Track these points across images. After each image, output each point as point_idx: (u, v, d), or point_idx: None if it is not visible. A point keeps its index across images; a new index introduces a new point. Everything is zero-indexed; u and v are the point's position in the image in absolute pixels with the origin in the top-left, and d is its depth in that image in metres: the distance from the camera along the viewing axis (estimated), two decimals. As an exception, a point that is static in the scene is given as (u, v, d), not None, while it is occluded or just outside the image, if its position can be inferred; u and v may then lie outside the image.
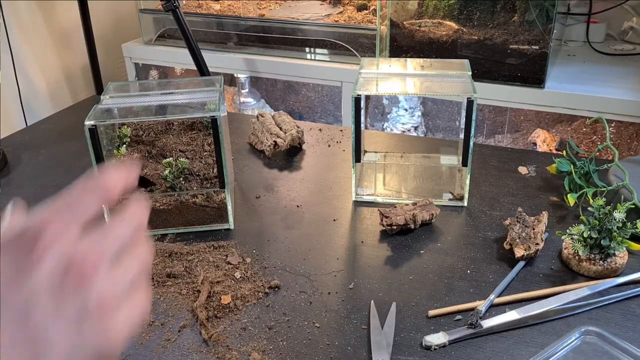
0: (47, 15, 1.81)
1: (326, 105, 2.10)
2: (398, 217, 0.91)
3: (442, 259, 0.87)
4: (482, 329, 0.72)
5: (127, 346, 0.72)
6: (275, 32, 1.82)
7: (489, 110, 1.86)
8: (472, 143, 0.94)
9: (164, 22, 1.92)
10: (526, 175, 1.08)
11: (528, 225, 0.87)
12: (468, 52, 1.53)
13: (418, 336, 0.73)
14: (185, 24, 1.50)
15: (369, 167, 1.09)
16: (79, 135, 1.05)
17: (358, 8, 1.86)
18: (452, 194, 1.02)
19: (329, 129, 1.31)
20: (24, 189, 1.09)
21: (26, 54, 1.75)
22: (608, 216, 0.80)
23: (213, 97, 0.95)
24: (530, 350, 0.70)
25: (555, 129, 1.80)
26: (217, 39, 1.90)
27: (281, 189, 1.07)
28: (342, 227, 0.96)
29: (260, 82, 2.18)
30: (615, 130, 1.69)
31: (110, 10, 2.02)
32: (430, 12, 1.56)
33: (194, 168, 0.99)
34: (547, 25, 1.43)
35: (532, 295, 0.78)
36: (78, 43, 1.86)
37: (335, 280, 0.83)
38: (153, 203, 0.93)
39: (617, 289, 0.79)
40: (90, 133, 0.86)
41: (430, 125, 1.97)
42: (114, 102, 0.93)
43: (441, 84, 0.98)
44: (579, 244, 0.82)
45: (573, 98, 1.47)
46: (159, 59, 1.96)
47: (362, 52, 1.71)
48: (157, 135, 1.07)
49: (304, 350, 0.71)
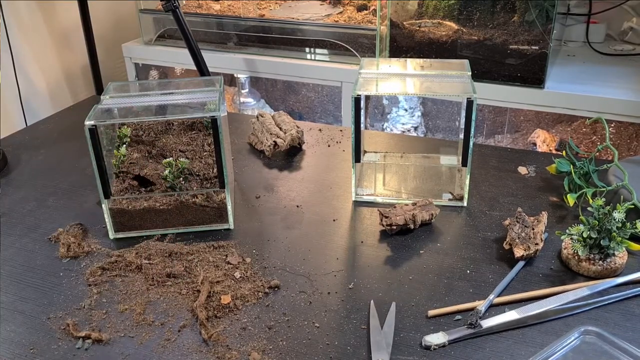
0: (47, 15, 1.81)
1: (326, 105, 2.10)
2: (398, 217, 0.91)
3: (441, 259, 0.87)
4: (482, 329, 0.72)
5: (127, 346, 0.73)
6: (275, 32, 1.82)
7: (488, 110, 1.86)
8: (471, 143, 0.94)
9: (164, 22, 1.92)
10: (526, 176, 1.08)
11: (528, 226, 0.87)
12: (468, 53, 1.54)
13: (418, 336, 0.73)
14: (185, 24, 1.50)
15: (369, 167, 1.09)
16: (79, 135, 1.05)
17: (358, 8, 1.86)
18: (451, 194, 1.02)
19: (328, 129, 1.31)
20: (24, 189, 1.09)
21: (26, 54, 1.75)
22: (607, 216, 0.80)
23: (213, 97, 0.95)
24: (529, 350, 0.70)
25: (555, 129, 1.80)
26: (217, 39, 1.90)
27: (281, 189, 1.07)
28: (342, 227, 0.96)
29: (260, 82, 2.18)
30: (615, 131, 1.69)
31: (110, 10, 2.02)
32: (430, 13, 1.56)
33: (194, 168, 0.99)
34: (547, 26, 1.43)
35: (531, 295, 0.78)
36: (78, 43, 1.86)
37: (335, 280, 0.83)
38: (153, 203, 0.93)
39: (616, 289, 0.79)
40: (90, 133, 0.86)
41: (430, 125, 1.97)
42: (114, 102, 0.93)
43: (441, 84, 0.98)
44: (579, 244, 0.82)
45: (573, 98, 1.47)
46: (159, 59, 1.96)
47: (362, 52, 1.71)
48: (157, 135, 1.07)
49: (304, 350, 0.71)
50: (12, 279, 0.86)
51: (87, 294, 0.82)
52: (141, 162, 1.00)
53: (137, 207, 0.93)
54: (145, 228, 0.94)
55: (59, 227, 0.96)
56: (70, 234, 0.93)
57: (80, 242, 0.92)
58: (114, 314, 0.78)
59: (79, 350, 0.72)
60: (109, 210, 0.92)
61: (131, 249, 0.90)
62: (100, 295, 0.82)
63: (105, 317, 0.78)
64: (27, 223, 0.99)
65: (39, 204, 1.04)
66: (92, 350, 0.72)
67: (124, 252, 0.89)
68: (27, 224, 0.98)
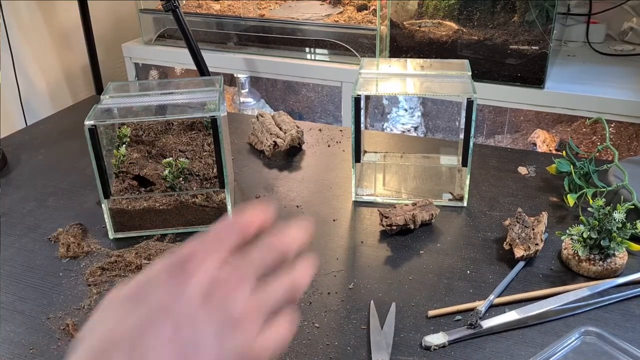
0: (47, 15, 1.81)
1: (326, 105, 2.10)
2: (398, 217, 0.91)
3: (441, 259, 0.87)
4: (482, 329, 0.72)
5: None
6: (275, 32, 1.82)
7: (488, 110, 1.86)
8: (472, 143, 0.94)
9: (164, 22, 1.92)
10: (526, 176, 1.08)
11: (528, 226, 0.87)
12: (468, 53, 1.53)
13: (418, 336, 0.73)
14: (185, 24, 1.50)
15: (369, 168, 1.09)
16: (79, 135, 1.05)
17: (358, 8, 1.86)
18: (451, 194, 1.02)
19: (328, 129, 1.31)
20: (24, 189, 1.09)
21: (26, 54, 1.75)
22: (608, 217, 0.80)
23: (213, 97, 0.95)
24: (529, 351, 0.70)
25: (555, 129, 1.80)
26: (217, 39, 1.90)
27: (281, 189, 1.07)
28: (342, 227, 0.96)
29: (260, 82, 2.18)
30: (615, 131, 1.69)
31: (110, 10, 2.02)
32: (430, 13, 1.56)
33: (193, 168, 0.99)
34: (547, 26, 1.43)
35: (531, 296, 0.78)
36: (78, 43, 1.86)
37: (335, 281, 0.83)
38: (153, 203, 0.93)
39: (616, 289, 0.79)
40: (90, 133, 0.86)
41: (430, 125, 1.97)
42: (114, 102, 0.93)
43: (441, 84, 0.98)
44: (579, 244, 0.82)
45: (573, 98, 1.47)
46: (159, 59, 1.96)
47: (362, 52, 1.71)
48: (157, 135, 1.07)
49: (304, 351, 0.71)
50: (11, 279, 0.86)
51: (87, 294, 0.82)
52: (141, 162, 1.00)
53: (137, 207, 0.92)
54: (145, 228, 0.94)
55: (58, 227, 0.96)
56: (70, 234, 0.93)
57: (80, 242, 0.92)
58: (114, 314, 0.78)
59: (78, 351, 0.72)
60: (109, 210, 0.92)
61: (131, 249, 0.90)
62: (100, 296, 0.81)
63: (105, 317, 0.78)
64: (26, 223, 0.99)
65: (39, 204, 1.04)
66: (92, 350, 0.72)
67: (124, 252, 0.89)
68: (26, 224, 0.98)
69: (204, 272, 0.37)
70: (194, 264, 0.37)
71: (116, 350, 0.34)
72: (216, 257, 0.38)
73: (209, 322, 0.36)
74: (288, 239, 0.42)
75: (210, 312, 0.36)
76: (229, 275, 0.38)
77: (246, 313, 0.37)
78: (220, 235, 0.40)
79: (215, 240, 0.40)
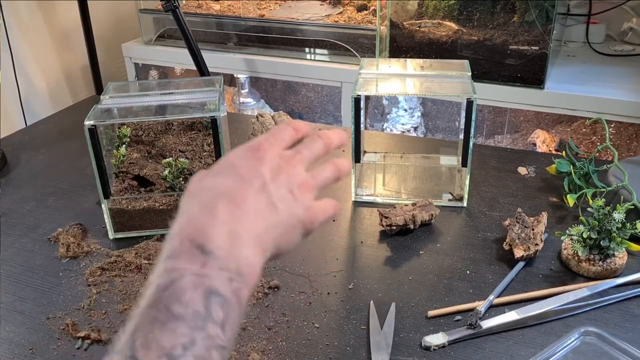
0: (47, 15, 1.81)
1: (326, 105, 2.10)
2: (397, 217, 0.91)
3: (441, 259, 0.87)
4: (482, 329, 0.72)
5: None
6: (275, 33, 1.82)
7: (488, 110, 1.86)
8: (471, 143, 0.94)
9: (164, 22, 1.92)
10: (526, 176, 1.08)
11: (527, 226, 0.87)
12: (468, 53, 1.53)
13: (417, 337, 0.73)
14: (185, 24, 1.50)
15: (369, 168, 1.09)
16: (79, 135, 1.05)
17: (358, 8, 1.86)
18: (451, 194, 1.02)
19: (328, 129, 1.31)
20: (24, 189, 1.09)
21: (26, 54, 1.75)
22: (607, 217, 0.80)
23: (213, 97, 0.95)
24: (529, 351, 0.70)
25: (554, 129, 1.80)
26: (217, 39, 1.90)
27: (281, 189, 1.07)
28: (342, 227, 0.96)
29: (260, 82, 2.18)
30: (615, 131, 1.69)
31: (110, 10, 2.02)
32: (430, 13, 1.56)
33: (193, 168, 0.99)
34: (547, 26, 1.43)
35: (531, 296, 0.78)
36: (78, 43, 1.86)
37: (335, 281, 0.83)
38: (153, 203, 0.93)
39: (616, 289, 0.79)
40: (90, 133, 0.86)
41: (430, 125, 1.97)
42: (114, 102, 0.93)
43: (441, 84, 0.98)
44: (579, 244, 0.82)
45: (573, 99, 1.47)
46: (159, 59, 1.96)
47: (362, 53, 1.71)
48: (156, 135, 1.07)
49: (303, 351, 0.71)
50: (11, 279, 0.86)
51: (87, 294, 0.82)
52: (141, 162, 1.00)
53: (136, 207, 0.92)
54: (144, 228, 0.94)
55: (58, 227, 0.96)
56: (69, 234, 0.93)
57: (80, 242, 0.92)
58: (114, 314, 0.78)
59: (78, 351, 0.72)
60: (109, 210, 0.92)
61: (131, 249, 0.90)
62: (99, 296, 0.81)
63: (104, 317, 0.78)
64: (26, 223, 0.99)
65: (39, 204, 1.04)
66: (92, 350, 0.72)
67: (124, 252, 0.89)
68: (26, 224, 0.98)
69: (268, 156, 0.49)
70: (261, 151, 0.49)
71: (221, 198, 0.46)
72: (276, 147, 0.51)
73: (279, 186, 0.48)
74: (330, 134, 0.55)
75: (280, 181, 0.49)
76: (288, 158, 0.51)
77: (304, 183, 0.51)
78: (277, 133, 0.52)
79: (275, 136, 0.52)
